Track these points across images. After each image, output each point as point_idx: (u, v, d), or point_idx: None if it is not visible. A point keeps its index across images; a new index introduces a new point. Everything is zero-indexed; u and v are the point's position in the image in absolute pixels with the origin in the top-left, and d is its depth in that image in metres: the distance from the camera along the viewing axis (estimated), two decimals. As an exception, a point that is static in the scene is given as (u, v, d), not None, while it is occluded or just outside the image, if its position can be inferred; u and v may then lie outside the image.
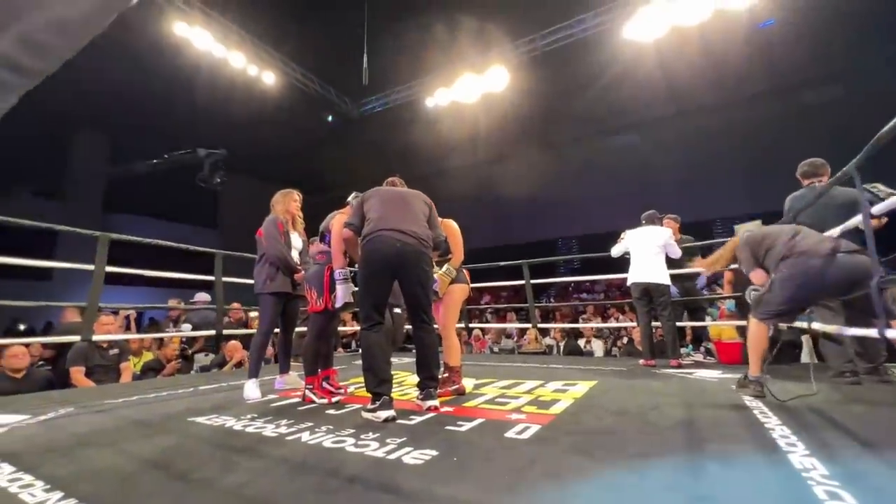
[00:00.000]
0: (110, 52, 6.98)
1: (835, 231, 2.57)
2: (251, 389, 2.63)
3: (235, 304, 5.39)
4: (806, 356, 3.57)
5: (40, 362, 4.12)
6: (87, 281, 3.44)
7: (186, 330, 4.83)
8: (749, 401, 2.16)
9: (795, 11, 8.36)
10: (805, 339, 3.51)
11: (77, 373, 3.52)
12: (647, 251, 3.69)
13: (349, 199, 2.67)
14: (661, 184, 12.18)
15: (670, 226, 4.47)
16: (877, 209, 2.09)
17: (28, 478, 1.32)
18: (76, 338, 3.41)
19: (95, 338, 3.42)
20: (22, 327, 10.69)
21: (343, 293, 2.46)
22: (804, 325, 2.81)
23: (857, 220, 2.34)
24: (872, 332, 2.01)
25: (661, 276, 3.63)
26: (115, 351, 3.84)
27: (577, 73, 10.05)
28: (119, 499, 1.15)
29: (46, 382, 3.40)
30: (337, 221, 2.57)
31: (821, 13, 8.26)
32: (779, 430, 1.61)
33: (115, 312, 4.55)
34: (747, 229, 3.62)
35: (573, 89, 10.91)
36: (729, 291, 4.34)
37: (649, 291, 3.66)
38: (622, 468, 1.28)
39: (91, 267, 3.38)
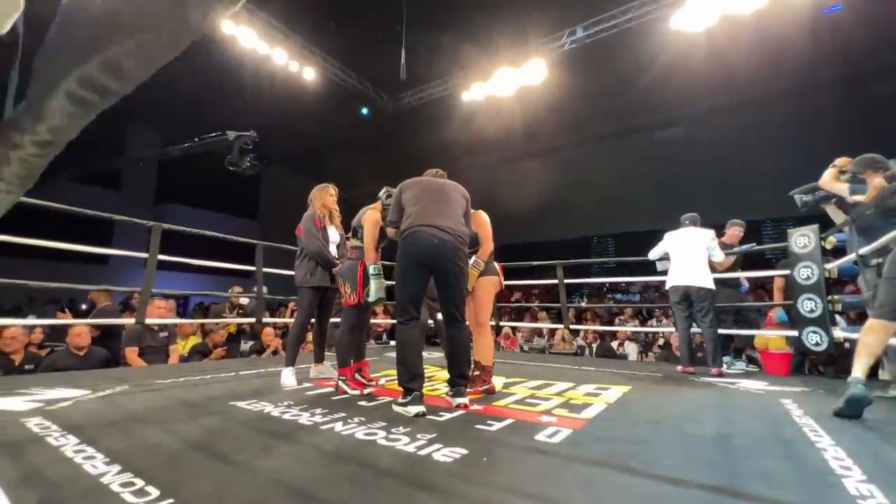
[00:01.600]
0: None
1: None
2: (288, 377, 2.74)
3: (237, 288, 5.65)
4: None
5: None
6: (137, 265, 3.68)
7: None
8: (798, 416, 2.03)
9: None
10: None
11: (132, 353, 3.78)
12: (689, 253, 3.54)
13: (380, 194, 2.70)
14: (706, 181, 11.61)
15: (735, 233, 4.23)
16: None
17: (90, 450, 1.43)
18: (131, 320, 3.65)
19: (149, 321, 3.65)
20: (84, 307, 11.61)
21: (376, 289, 2.50)
22: (852, 335, 2.61)
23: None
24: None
25: (703, 279, 3.47)
26: (165, 334, 4.10)
27: (619, 65, 9.68)
28: (169, 475, 1.23)
29: (105, 360, 3.67)
30: (368, 217, 2.61)
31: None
32: (832, 451, 1.51)
33: (165, 297, 4.85)
34: (802, 233, 3.41)
35: (615, 82, 10.53)
36: (779, 299, 4.08)
37: (689, 295, 3.50)
38: (657, 482, 1.24)
39: (145, 255, 3.60)
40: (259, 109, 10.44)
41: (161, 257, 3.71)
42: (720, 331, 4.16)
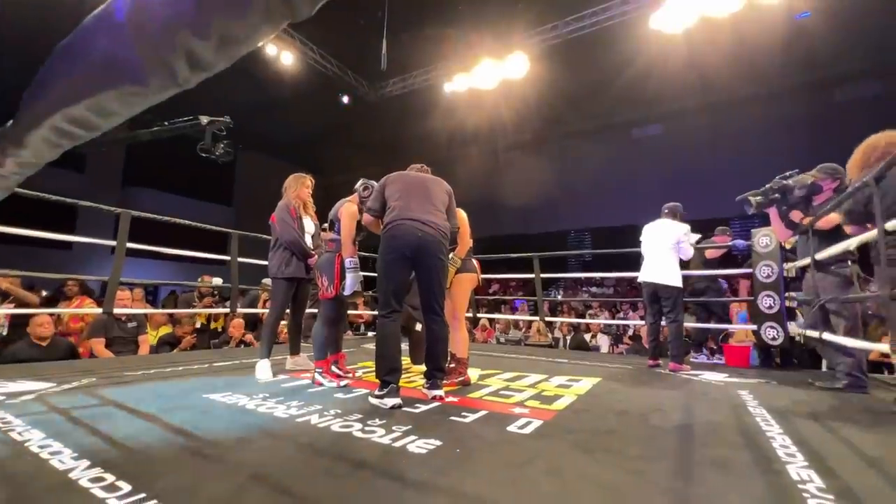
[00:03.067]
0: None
1: None
2: (263, 370, 2.72)
3: (206, 277, 5.50)
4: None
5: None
6: (104, 251, 3.55)
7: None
8: (753, 407, 2.17)
9: (833, 3, 8.00)
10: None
11: (97, 344, 3.67)
12: (657, 248, 3.53)
13: (357, 186, 2.69)
14: (682, 179, 11.93)
15: (723, 240, 4.33)
16: None
17: (57, 444, 1.40)
18: (98, 310, 3.54)
19: (117, 311, 3.55)
20: (45, 293, 11.11)
21: (352, 282, 2.51)
22: (816, 334, 2.79)
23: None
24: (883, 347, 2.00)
25: (669, 276, 3.43)
26: (134, 324, 3.98)
27: (600, 62, 9.80)
28: (141, 470, 1.22)
29: (69, 351, 3.55)
30: (345, 210, 2.60)
31: (859, 5, 7.89)
32: (780, 440, 1.63)
33: (131, 287, 4.69)
34: (765, 233, 3.58)
35: (595, 79, 10.67)
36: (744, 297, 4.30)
37: (656, 292, 3.53)
38: (620, 470, 1.32)
39: (111, 243, 3.48)
40: (235, 93, 10.10)
41: (130, 245, 3.59)
42: (696, 325, 4.35)
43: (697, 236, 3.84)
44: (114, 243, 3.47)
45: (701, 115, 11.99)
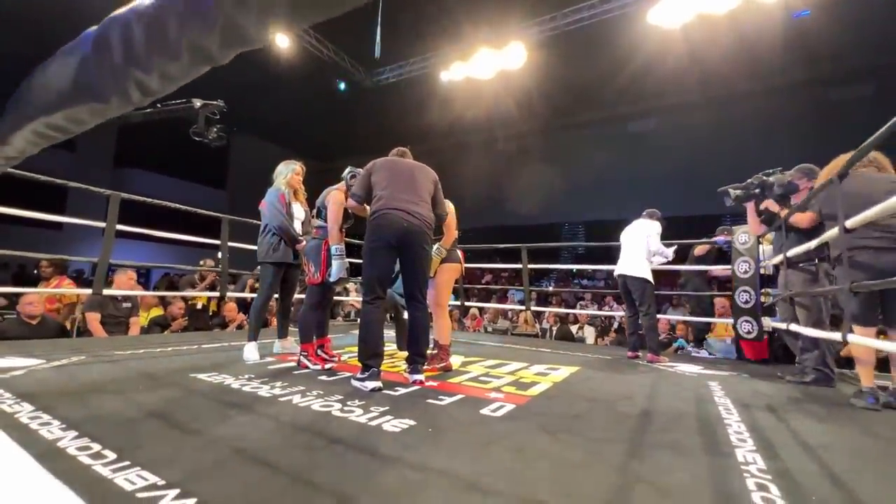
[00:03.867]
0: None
1: None
2: (251, 352, 2.79)
3: (208, 261, 5.57)
4: None
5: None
6: (95, 232, 3.57)
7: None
8: (718, 397, 2.27)
9: (832, 1, 8.02)
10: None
11: (93, 319, 3.70)
12: (629, 244, 3.65)
13: (344, 174, 2.74)
14: (675, 173, 12.03)
15: (726, 237, 4.23)
16: None
17: (46, 417, 1.47)
18: (88, 290, 3.58)
19: (107, 292, 3.58)
20: (35, 272, 11.09)
21: (339, 269, 2.57)
22: (784, 326, 2.90)
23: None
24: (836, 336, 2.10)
25: (636, 268, 3.52)
26: (128, 304, 4.02)
27: (598, 55, 9.77)
28: (125, 440, 1.29)
29: (59, 330, 3.59)
30: (333, 197, 2.65)
31: (858, 4, 7.92)
32: (735, 426, 1.73)
33: (136, 270, 4.73)
34: (744, 230, 3.67)
35: (592, 72, 10.64)
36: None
37: (626, 284, 3.59)
38: (579, 449, 1.40)
39: (101, 224, 3.50)
40: (229, 74, 10.00)
41: (120, 227, 3.61)
42: (675, 317, 4.46)
43: (673, 247, 3.86)
44: (103, 225, 3.50)
45: (698, 110, 12.03)
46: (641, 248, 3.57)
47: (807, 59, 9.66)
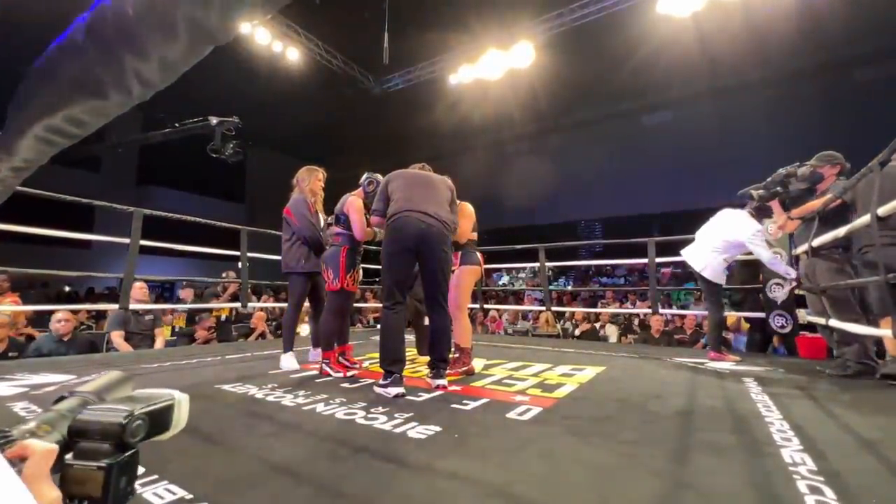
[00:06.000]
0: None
1: None
2: (288, 361, 2.82)
3: (231, 273, 5.65)
4: None
5: (83, 326, 4.47)
6: (122, 250, 3.67)
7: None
8: (755, 394, 2.17)
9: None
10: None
11: (117, 336, 3.80)
12: (703, 232, 3.28)
13: (361, 180, 2.73)
14: (693, 165, 11.72)
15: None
16: None
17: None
18: (114, 306, 3.67)
19: (133, 306, 3.67)
20: (67, 289, 11.50)
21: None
22: (823, 321, 2.77)
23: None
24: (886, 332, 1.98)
25: (697, 261, 3.20)
26: (150, 317, 4.11)
27: (607, 49, 9.64)
28: (154, 454, 1.29)
29: (90, 345, 3.69)
30: (352, 204, 2.65)
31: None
32: (778, 424, 1.64)
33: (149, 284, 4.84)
34: (773, 220, 3.53)
35: (603, 66, 10.50)
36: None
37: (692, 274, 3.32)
38: (613, 453, 1.35)
39: (126, 241, 3.59)
40: (243, 90, 10.23)
41: (144, 242, 3.70)
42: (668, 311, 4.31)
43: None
44: (128, 241, 3.58)
45: (712, 99, 11.73)
46: (713, 239, 3.17)
47: (823, 41, 9.31)
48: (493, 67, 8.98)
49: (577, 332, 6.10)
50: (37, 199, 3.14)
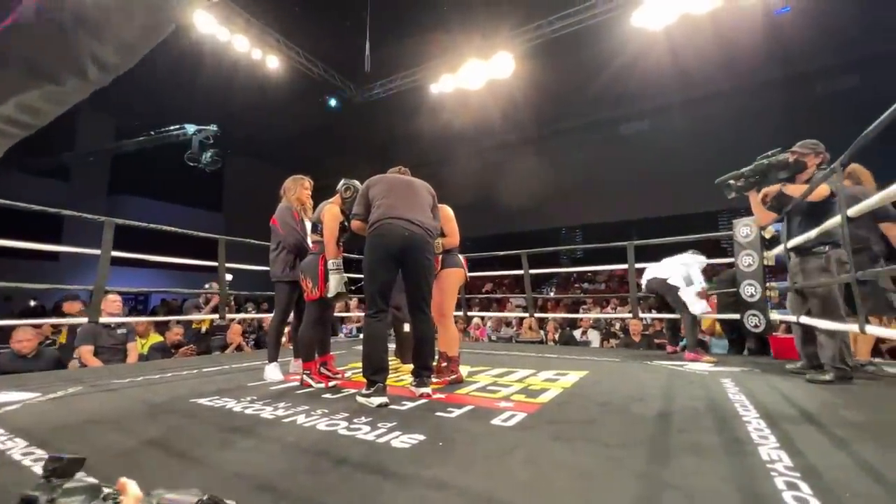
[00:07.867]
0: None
1: None
2: (273, 372, 2.75)
3: (215, 284, 5.48)
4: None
5: (48, 341, 4.26)
6: (93, 261, 3.53)
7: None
8: (733, 394, 2.22)
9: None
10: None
11: (87, 352, 3.64)
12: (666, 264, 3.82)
13: (338, 186, 2.70)
14: (669, 173, 12.09)
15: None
16: None
17: (40, 452, 1.40)
18: (83, 319, 3.51)
19: (102, 320, 3.52)
20: (32, 304, 10.98)
21: (336, 283, 2.52)
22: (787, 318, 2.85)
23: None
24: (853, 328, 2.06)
25: (664, 271, 3.77)
26: (123, 330, 3.95)
27: (584, 60, 9.91)
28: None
29: (56, 361, 3.52)
30: (328, 212, 2.61)
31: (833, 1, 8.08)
32: (755, 423, 1.67)
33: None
34: (745, 224, 3.65)
35: (580, 77, 10.78)
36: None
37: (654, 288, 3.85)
38: (598, 457, 1.35)
39: (97, 252, 3.46)
40: (221, 98, 10.07)
41: (117, 253, 3.57)
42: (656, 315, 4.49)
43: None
44: (98, 252, 3.45)
45: (686, 109, 12.16)
46: (678, 270, 3.70)
47: (789, 55, 9.79)
48: (474, 77, 9.10)
49: (556, 338, 6.14)
50: (1, 208, 3.01)
